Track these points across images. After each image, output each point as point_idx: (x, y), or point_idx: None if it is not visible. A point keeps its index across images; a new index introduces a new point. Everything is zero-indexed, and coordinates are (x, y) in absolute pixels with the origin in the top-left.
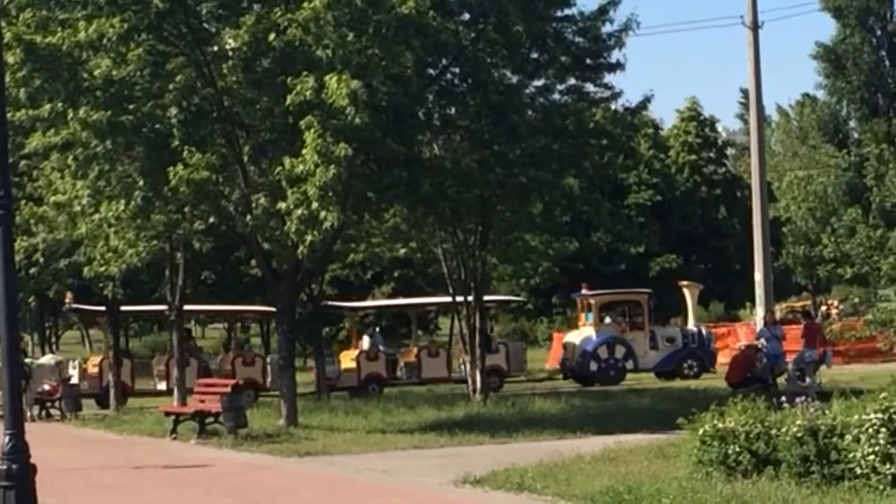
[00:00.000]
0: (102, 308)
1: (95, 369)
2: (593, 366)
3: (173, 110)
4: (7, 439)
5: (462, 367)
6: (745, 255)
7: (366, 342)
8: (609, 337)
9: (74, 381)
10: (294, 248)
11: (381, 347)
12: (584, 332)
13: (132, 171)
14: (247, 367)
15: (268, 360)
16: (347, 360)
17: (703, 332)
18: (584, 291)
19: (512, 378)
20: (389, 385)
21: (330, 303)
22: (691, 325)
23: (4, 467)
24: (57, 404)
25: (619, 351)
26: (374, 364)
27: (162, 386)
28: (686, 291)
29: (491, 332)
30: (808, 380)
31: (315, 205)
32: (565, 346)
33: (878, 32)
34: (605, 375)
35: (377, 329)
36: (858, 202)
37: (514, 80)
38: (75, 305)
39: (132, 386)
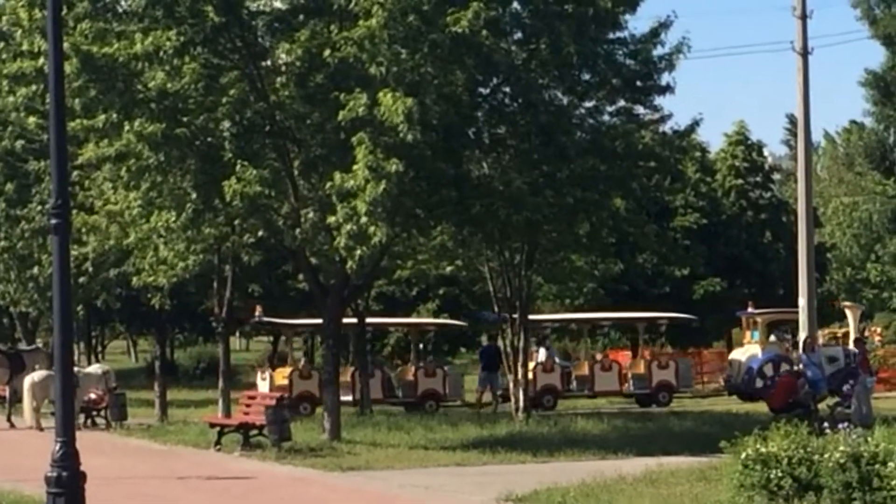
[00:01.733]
0: (293, 322)
1: (285, 381)
2: (759, 383)
3: (226, 124)
4: (58, 446)
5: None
6: (789, 280)
7: (542, 354)
8: (774, 355)
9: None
10: (342, 262)
11: (558, 360)
12: (749, 350)
13: (184, 184)
14: (428, 378)
15: (447, 370)
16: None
17: None
18: (750, 310)
19: (679, 394)
20: (563, 397)
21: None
22: (853, 345)
23: (55, 474)
24: (103, 413)
25: (784, 368)
26: (550, 376)
27: (347, 397)
28: (848, 312)
29: (662, 348)
30: (863, 407)
31: (364, 220)
32: (731, 363)
33: None
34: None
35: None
36: None
37: (565, 100)
38: (266, 318)
39: (319, 397)
